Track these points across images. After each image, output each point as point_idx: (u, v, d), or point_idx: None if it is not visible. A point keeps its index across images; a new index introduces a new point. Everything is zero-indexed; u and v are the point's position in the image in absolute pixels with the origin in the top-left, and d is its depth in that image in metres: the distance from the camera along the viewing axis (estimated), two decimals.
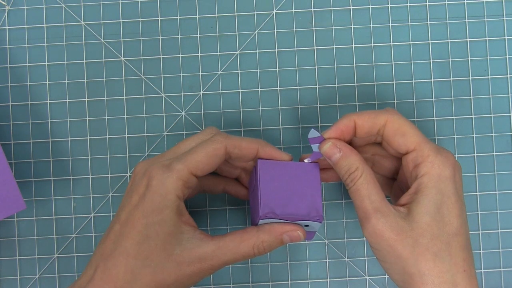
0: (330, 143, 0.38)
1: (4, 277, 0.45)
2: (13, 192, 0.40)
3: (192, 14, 0.46)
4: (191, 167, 0.36)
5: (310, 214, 0.37)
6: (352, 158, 0.37)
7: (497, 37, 0.46)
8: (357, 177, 0.36)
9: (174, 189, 0.35)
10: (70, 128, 0.45)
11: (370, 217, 0.35)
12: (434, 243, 0.35)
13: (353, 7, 0.46)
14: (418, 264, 0.35)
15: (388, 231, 0.35)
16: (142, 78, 0.45)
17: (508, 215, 0.45)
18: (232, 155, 0.38)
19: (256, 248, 0.37)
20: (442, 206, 0.35)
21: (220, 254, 0.36)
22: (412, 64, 0.46)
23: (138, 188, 0.36)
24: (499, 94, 0.46)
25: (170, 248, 0.35)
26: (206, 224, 0.45)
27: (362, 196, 0.36)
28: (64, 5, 0.46)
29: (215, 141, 0.37)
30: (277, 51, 0.46)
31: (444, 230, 0.35)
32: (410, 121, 0.37)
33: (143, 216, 0.35)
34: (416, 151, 0.37)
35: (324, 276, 0.45)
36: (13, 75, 0.45)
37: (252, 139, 0.39)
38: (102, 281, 0.35)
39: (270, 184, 0.38)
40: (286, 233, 0.37)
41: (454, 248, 0.35)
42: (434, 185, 0.35)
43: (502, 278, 0.45)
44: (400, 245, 0.35)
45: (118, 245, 0.35)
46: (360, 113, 0.38)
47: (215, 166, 0.38)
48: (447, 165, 0.36)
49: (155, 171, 0.36)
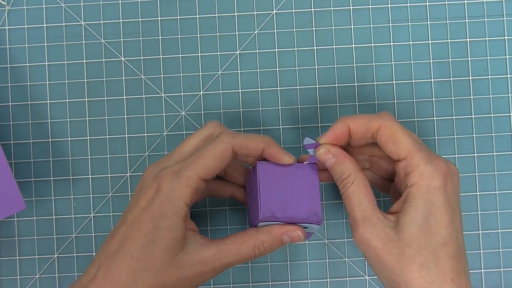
0: (323, 149, 0.38)
1: (4, 277, 0.45)
2: (13, 192, 0.40)
3: (192, 14, 0.46)
4: (200, 172, 0.36)
5: (310, 218, 0.38)
6: (345, 164, 0.37)
7: (497, 37, 0.46)
8: (348, 184, 0.37)
9: (183, 196, 0.36)
10: (70, 128, 0.45)
11: (358, 225, 0.36)
12: (420, 254, 0.35)
13: (353, 7, 0.46)
14: (404, 274, 0.35)
15: (375, 240, 0.35)
16: (142, 78, 0.45)
17: (508, 215, 0.45)
18: (238, 154, 0.38)
19: (257, 249, 0.37)
20: (430, 217, 0.35)
21: (221, 257, 0.36)
22: (412, 64, 0.46)
23: (147, 193, 0.36)
24: (499, 94, 0.46)
25: (173, 252, 0.35)
26: (206, 224, 0.45)
27: (352, 204, 0.36)
28: (64, 5, 0.46)
29: (222, 142, 0.37)
30: (277, 51, 0.46)
31: (432, 240, 0.35)
32: (404, 126, 0.37)
33: (150, 220, 0.35)
34: (406, 160, 0.36)
35: (324, 276, 0.45)
36: (13, 75, 0.45)
37: (258, 137, 0.38)
38: (104, 280, 0.35)
39: (269, 186, 0.38)
40: (285, 234, 0.37)
41: (442, 258, 0.35)
42: (422, 195, 0.35)
43: (502, 278, 0.45)
44: (387, 255, 0.35)
45: (123, 246, 0.35)
46: (354, 117, 0.38)
47: (222, 168, 0.38)
48: (436, 176, 0.35)
49: (165, 178, 0.36)
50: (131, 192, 0.45)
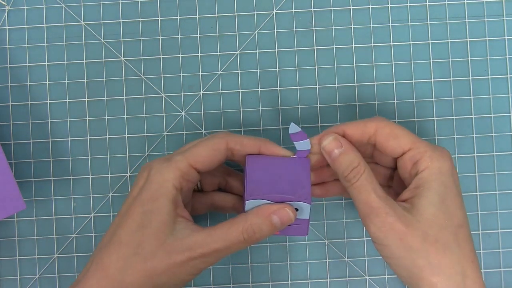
0: (332, 137, 0.37)
1: (4, 277, 0.45)
2: (13, 192, 0.40)
3: (192, 14, 0.46)
4: (190, 158, 0.37)
5: (297, 192, 0.37)
6: (354, 153, 0.37)
7: (497, 37, 0.46)
8: (361, 171, 0.36)
9: (171, 178, 0.36)
10: (70, 128, 0.45)
11: (379, 211, 0.35)
12: (442, 234, 0.35)
13: (353, 7, 0.46)
14: (429, 255, 0.34)
15: (398, 223, 0.35)
16: (142, 78, 0.45)
17: (508, 215, 0.45)
18: (234, 151, 0.38)
19: (245, 233, 0.35)
20: (446, 198, 0.35)
21: (210, 242, 0.35)
22: (412, 64, 0.46)
23: (138, 181, 0.37)
24: (499, 94, 0.46)
25: (162, 237, 0.35)
26: (206, 224, 0.45)
27: (368, 191, 0.36)
28: (64, 5, 0.46)
29: (216, 136, 0.38)
30: (277, 51, 0.46)
31: (451, 221, 0.35)
32: (399, 124, 0.38)
33: (140, 205, 0.36)
34: (412, 150, 0.37)
35: (324, 276, 0.45)
36: (13, 75, 0.45)
37: (255, 137, 0.39)
38: (95, 270, 0.35)
39: (257, 171, 0.37)
40: (274, 213, 0.36)
41: (461, 239, 0.35)
42: (436, 178, 0.36)
43: (502, 278, 0.45)
44: (411, 237, 0.35)
45: (114, 235, 0.36)
46: (349, 123, 0.38)
47: (216, 161, 0.38)
48: (446, 158, 0.36)
49: (155, 163, 0.37)
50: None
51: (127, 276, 0.34)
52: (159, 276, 0.35)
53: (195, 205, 0.41)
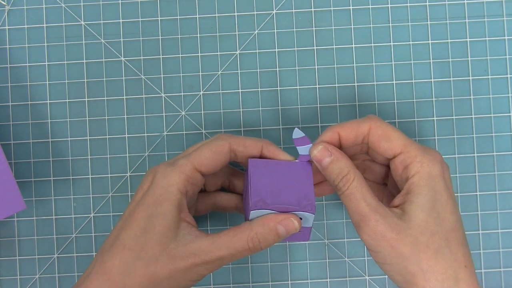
0: (321, 147, 0.37)
1: (4, 277, 0.45)
2: (13, 192, 0.40)
3: (192, 14, 0.46)
4: (195, 162, 0.37)
5: (301, 203, 0.37)
6: (344, 161, 0.37)
7: (497, 37, 0.46)
8: (350, 180, 0.36)
9: (176, 182, 0.36)
10: (70, 128, 0.45)
11: (368, 219, 0.35)
12: (433, 240, 0.35)
13: (353, 7, 0.46)
14: (420, 261, 0.34)
15: (388, 231, 0.35)
16: (142, 78, 0.45)
17: (508, 215, 0.45)
18: (237, 152, 0.38)
19: (250, 242, 0.36)
20: (436, 203, 0.35)
21: (214, 249, 0.35)
22: (412, 64, 0.46)
23: (143, 185, 0.37)
24: (499, 94, 0.46)
25: (165, 241, 0.35)
26: (206, 224, 0.45)
27: (357, 199, 0.36)
28: (64, 5, 0.46)
29: (219, 139, 0.38)
30: (277, 51, 0.46)
31: (442, 226, 0.35)
32: (393, 125, 0.38)
33: (144, 209, 0.36)
34: (403, 154, 0.37)
35: (324, 276, 0.45)
36: (13, 75, 0.45)
37: (257, 138, 0.39)
38: (97, 274, 0.35)
39: (261, 179, 0.37)
40: (280, 223, 0.36)
41: (453, 243, 0.35)
42: (425, 183, 0.36)
43: (502, 278, 0.45)
44: (401, 244, 0.35)
45: (117, 239, 0.36)
46: (343, 124, 0.38)
47: (220, 164, 0.38)
48: (435, 163, 0.36)
49: (159, 168, 0.37)
50: (131, 192, 0.45)
51: (130, 280, 0.34)
52: (161, 281, 0.35)
53: (198, 206, 0.41)
